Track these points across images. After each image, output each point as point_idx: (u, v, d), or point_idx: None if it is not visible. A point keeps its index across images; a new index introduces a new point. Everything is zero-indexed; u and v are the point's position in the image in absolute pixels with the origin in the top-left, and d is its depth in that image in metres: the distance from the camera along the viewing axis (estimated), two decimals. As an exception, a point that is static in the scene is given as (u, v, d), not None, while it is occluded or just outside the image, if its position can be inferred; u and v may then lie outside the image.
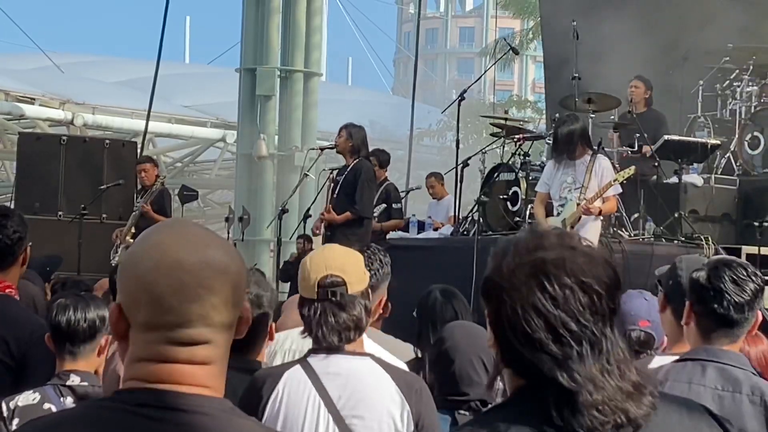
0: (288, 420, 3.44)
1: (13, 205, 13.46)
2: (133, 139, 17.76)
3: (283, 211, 12.35)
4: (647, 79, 11.69)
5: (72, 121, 24.79)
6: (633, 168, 9.40)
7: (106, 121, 25.61)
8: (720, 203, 11.31)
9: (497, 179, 11.11)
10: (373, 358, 3.54)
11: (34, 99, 25.55)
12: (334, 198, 10.69)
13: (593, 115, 10.73)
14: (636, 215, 10.58)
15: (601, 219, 9.20)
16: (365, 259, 3.81)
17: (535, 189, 9.89)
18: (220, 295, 1.80)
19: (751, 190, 11.41)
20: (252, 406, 3.45)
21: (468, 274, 9.55)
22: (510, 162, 11.37)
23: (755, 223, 10.29)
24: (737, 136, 11.73)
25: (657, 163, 10.87)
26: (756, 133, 11.65)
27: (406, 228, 12.52)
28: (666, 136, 11.16)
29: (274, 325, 4.00)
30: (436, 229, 12.57)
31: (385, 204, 12.43)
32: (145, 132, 20.15)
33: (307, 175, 12.77)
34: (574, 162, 9.21)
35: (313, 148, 13.72)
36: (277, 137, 21.93)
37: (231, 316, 1.83)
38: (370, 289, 3.59)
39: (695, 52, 12.71)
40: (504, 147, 12.09)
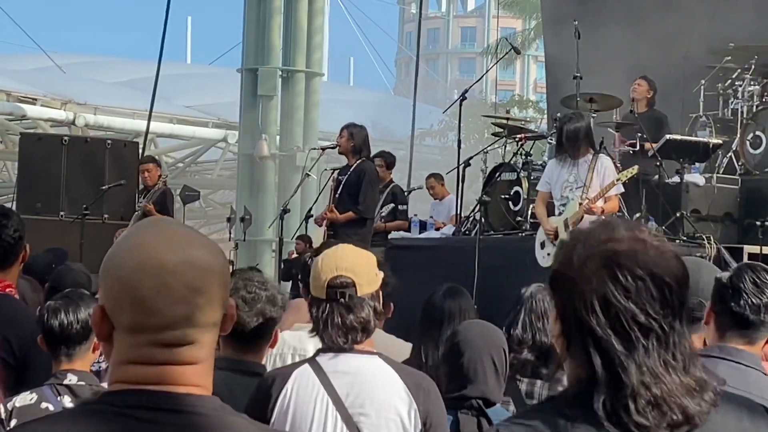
0: (297, 418, 3.47)
1: (15, 206, 13.45)
2: (134, 140, 17.75)
3: (285, 211, 12.36)
4: (652, 80, 11.66)
5: (73, 121, 24.82)
6: (636, 167, 9.37)
7: (108, 122, 25.64)
8: (722, 203, 11.28)
9: (499, 179, 11.10)
10: (381, 356, 3.57)
11: (36, 99, 25.58)
12: (337, 198, 10.69)
13: (595, 114, 10.72)
14: (638, 215, 10.56)
15: (602, 219, 9.18)
16: None
17: (537, 188, 9.87)
18: (205, 295, 1.77)
19: (753, 190, 11.38)
20: (261, 405, 3.48)
21: (470, 274, 9.57)
22: (512, 162, 11.36)
23: (757, 222, 10.26)
24: (739, 136, 11.70)
25: (659, 163, 10.85)
26: (758, 132, 11.62)
27: (407, 228, 12.53)
28: (668, 136, 11.14)
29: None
30: (437, 229, 12.58)
31: (393, 204, 12.48)
32: (147, 132, 20.16)
33: (308, 175, 12.79)
34: (576, 161, 9.18)
35: (315, 148, 13.72)
36: (278, 137, 21.95)
37: (216, 315, 1.80)
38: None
39: (697, 51, 12.69)
40: (506, 147, 12.08)
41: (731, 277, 3.45)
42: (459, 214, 11.95)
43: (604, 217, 9.07)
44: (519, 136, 11.63)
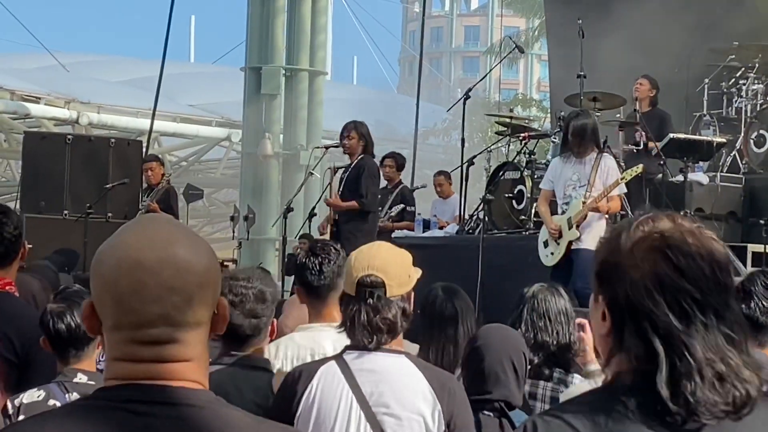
0: (321, 415, 3.49)
1: (18, 204, 13.47)
2: (138, 138, 17.75)
3: (288, 209, 12.36)
4: (654, 79, 11.66)
5: (77, 120, 24.83)
6: (641, 166, 9.36)
7: (112, 120, 25.65)
8: (726, 201, 11.27)
9: (502, 178, 11.10)
10: (408, 356, 3.58)
11: (40, 98, 25.59)
12: (338, 195, 10.70)
13: (598, 113, 10.71)
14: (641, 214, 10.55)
15: (606, 218, 9.17)
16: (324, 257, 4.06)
17: (540, 186, 9.85)
18: (182, 294, 1.76)
19: (756, 188, 11.37)
20: (286, 401, 3.50)
21: (473, 273, 9.56)
22: (515, 160, 11.36)
23: (761, 221, 10.25)
24: (743, 134, 11.69)
25: (663, 162, 10.84)
26: (762, 131, 11.61)
27: (413, 228, 12.54)
28: (671, 134, 11.14)
29: (276, 321, 4.01)
30: (441, 228, 12.57)
31: (402, 205, 12.50)
32: (150, 131, 20.18)
33: (312, 173, 12.76)
34: (581, 159, 9.16)
35: (318, 147, 13.70)
36: (282, 136, 21.94)
37: (199, 314, 1.79)
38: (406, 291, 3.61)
39: (701, 50, 12.67)
40: (509, 145, 12.09)
41: (743, 281, 3.48)
42: (462, 212, 11.95)
43: (608, 217, 9.06)
44: (522, 134, 11.63)
